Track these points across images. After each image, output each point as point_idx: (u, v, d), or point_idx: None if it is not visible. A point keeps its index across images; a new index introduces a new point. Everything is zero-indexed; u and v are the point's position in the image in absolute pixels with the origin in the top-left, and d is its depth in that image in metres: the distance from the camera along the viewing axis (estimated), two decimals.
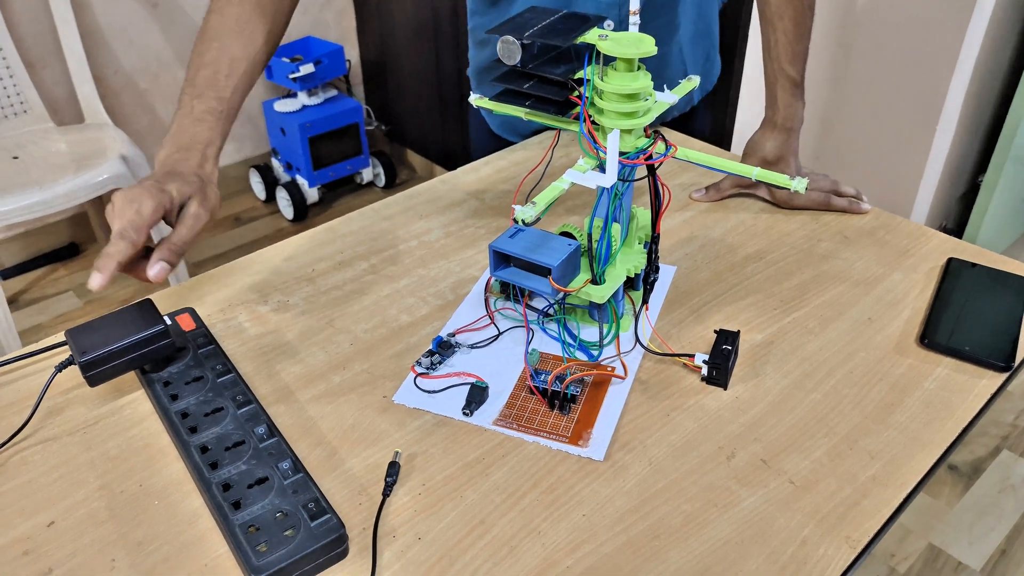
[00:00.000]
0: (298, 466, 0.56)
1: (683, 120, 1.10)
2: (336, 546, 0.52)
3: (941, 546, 1.44)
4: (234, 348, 0.70)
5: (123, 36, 2.18)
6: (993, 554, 1.43)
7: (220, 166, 0.73)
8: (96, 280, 0.61)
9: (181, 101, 0.72)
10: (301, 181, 2.37)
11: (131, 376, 0.66)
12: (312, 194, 2.41)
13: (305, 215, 2.41)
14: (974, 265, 0.77)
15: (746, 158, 0.89)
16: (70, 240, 2.28)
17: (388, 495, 0.56)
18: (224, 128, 0.73)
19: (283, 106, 2.30)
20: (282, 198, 2.41)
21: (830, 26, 1.95)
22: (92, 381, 0.61)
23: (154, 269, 0.63)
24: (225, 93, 0.73)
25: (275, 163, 2.46)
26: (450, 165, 1.03)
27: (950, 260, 0.78)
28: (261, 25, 0.76)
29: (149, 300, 0.66)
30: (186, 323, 0.69)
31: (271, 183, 2.47)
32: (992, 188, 1.95)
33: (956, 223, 2.16)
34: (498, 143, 1.07)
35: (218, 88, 0.73)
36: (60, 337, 0.67)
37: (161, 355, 0.64)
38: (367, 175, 2.51)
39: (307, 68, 2.21)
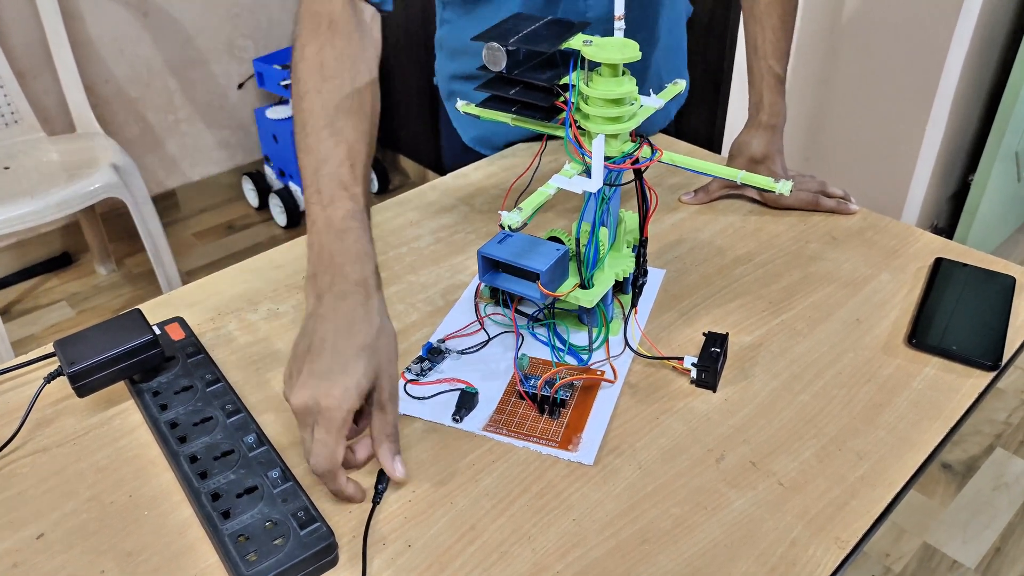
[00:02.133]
0: (287, 475, 0.56)
1: (674, 122, 1.10)
2: (326, 554, 0.52)
3: (936, 545, 1.45)
4: (224, 357, 0.70)
5: (114, 45, 2.18)
6: (988, 552, 1.43)
7: (212, 174, 0.71)
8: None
9: (311, 212, 0.61)
10: (294, 188, 2.37)
11: (121, 386, 0.66)
12: None
13: (299, 222, 2.41)
14: (962, 265, 0.78)
15: (733, 159, 0.90)
16: (62, 250, 2.28)
17: (378, 502, 0.56)
18: (370, 229, 0.62)
19: (275, 113, 2.30)
20: (275, 205, 2.41)
21: (819, 26, 1.95)
22: (81, 392, 0.61)
23: (399, 470, 0.56)
24: (357, 188, 0.61)
25: (268, 170, 2.46)
26: (443, 170, 1.03)
27: (938, 260, 0.79)
28: (365, 96, 0.65)
29: (138, 310, 0.67)
30: (176, 332, 0.69)
31: (264, 190, 2.47)
32: (982, 187, 1.96)
33: (947, 222, 2.17)
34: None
35: (349, 187, 0.61)
36: (49, 348, 0.67)
37: (150, 365, 0.64)
38: None
39: None
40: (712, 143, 1.94)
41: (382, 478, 0.57)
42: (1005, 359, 0.67)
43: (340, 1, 0.65)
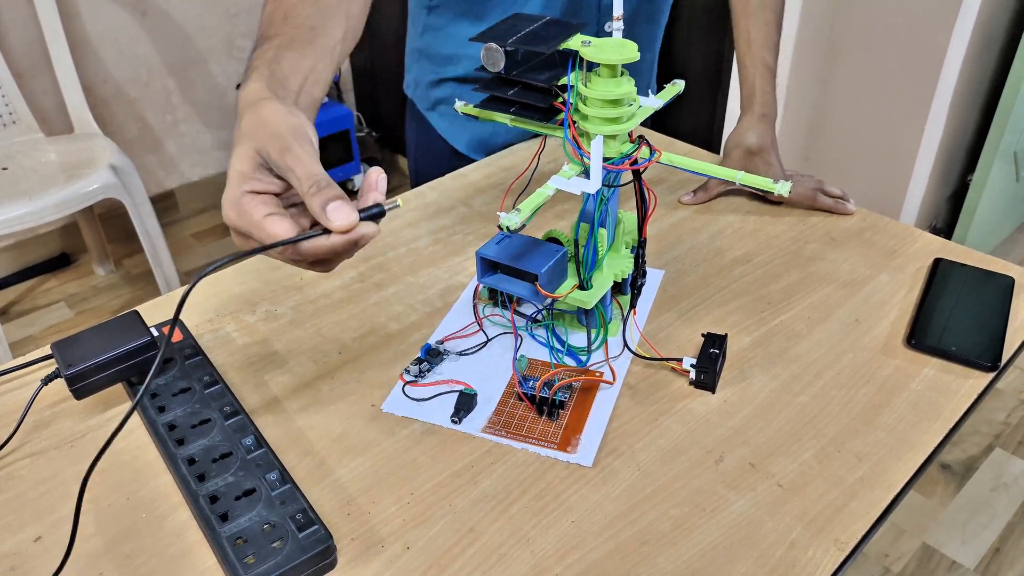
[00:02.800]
0: (286, 477, 0.56)
1: (673, 122, 1.11)
2: (324, 557, 0.52)
3: (935, 545, 1.45)
4: (222, 359, 0.69)
5: (112, 45, 2.18)
6: (987, 553, 1.43)
7: (211, 174, 0.71)
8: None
9: (247, 72, 0.58)
10: None
11: (118, 388, 0.66)
12: None
13: None
14: (961, 265, 0.78)
15: (729, 152, 0.90)
16: (61, 251, 2.27)
17: (380, 216, 0.51)
18: (277, 80, 0.58)
19: None
20: None
21: (818, 26, 1.95)
22: (78, 394, 0.61)
23: (337, 217, 0.49)
24: (293, 81, 0.59)
25: None
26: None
27: (937, 260, 0.79)
28: (323, 31, 0.63)
29: (135, 311, 0.66)
30: (174, 334, 0.69)
31: None
32: (981, 187, 1.96)
33: (945, 222, 2.17)
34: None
35: (296, 69, 0.59)
36: (47, 350, 0.67)
37: (148, 367, 0.64)
38: (358, 181, 2.51)
39: None
40: (710, 143, 1.94)
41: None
42: (1004, 360, 0.67)
43: None
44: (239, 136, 0.52)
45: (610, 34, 0.61)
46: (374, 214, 0.51)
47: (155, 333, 0.65)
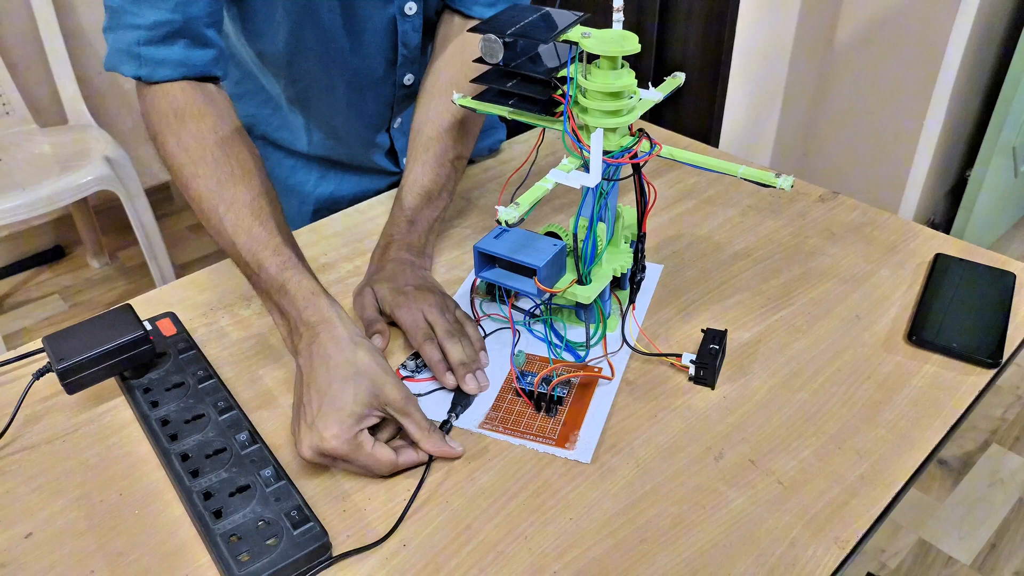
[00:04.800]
0: (280, 473, 0.55)
1: (671, 117, 1.10)
2: (320, 554, 0.51)
3: (931, 541, 1.44)
4: (216, 353, 0.69)
5: None
6: (983, 548, 1.43)
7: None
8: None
9: (251, 281, 0.65)
10: None
11: (111, 383, 0.65)
12: None
13: None
14: (961, 261, 0.77)
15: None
16: (55, 243, 2.26)
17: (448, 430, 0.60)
18: (307, 266, 0.64)
19: None
20: None
21: (817, 22, 1.95)
22: (70, 389, 0.60)
23: (456, 448, 0.58)
24: (275, 241, 0.63)
25: None
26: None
27: (937, 256, 0.78)
28: (243, 156, 0.67)
29: (128, 305, 0.65)
30: (167, 328, 0.68)
31: None
32: (980, 183, 1.95)
33: (944, 218, 2.17)
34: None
35: (266, 243, 0.63)
36: (38, 344, 0.66)
37: (141, 361, 0.63)
38: None
39: None
40: (708, 137, 1.93)
41: (453, 407, 0.62)
42: (1005, 356, 0.67)
43: (178, 90, 0.68)
44: (345, 369, 0.56)
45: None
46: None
47: (148, 327, 0.64)
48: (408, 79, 0.86)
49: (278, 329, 0.65)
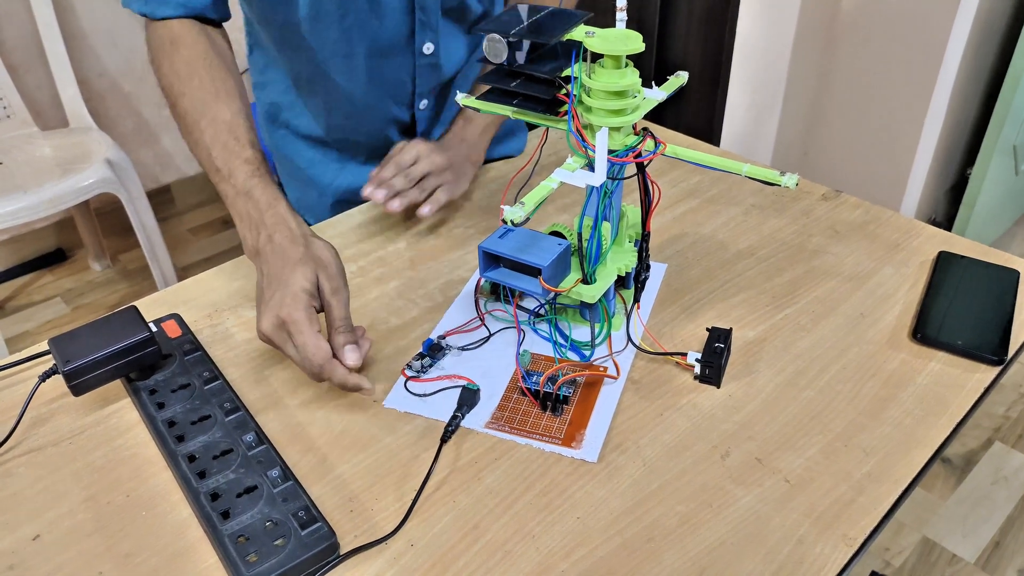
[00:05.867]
0: (287, 474, 0.55)
1: (672, 116, 1.10)
2: (328, 555, 0.51)
3: (935, 539, 1.45)
4: (221, 354, 0.69)
5: (107, 38, 2.16)
6: (987, 546, 1.43)
7: (203, 170, 0.72)
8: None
9: (221, 189, 0.70)
10: None
11: (117, 385, 0.65)
12: None
13: None
14: (965, 258, 0.77)
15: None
16: (57, 246, 2.26)
17: (453, 430, 0.61)
18: (272, 179, 0.70)
19: None
20: None
21: (817, 20, 1.95)
22: (76, 390, 0.60)
23: (351, 357, 0.61)
24: (247, 153, 0.70)
25: None
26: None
27: (941, 254, 0.78)
28: (228, 82, 0.73)
29: (134, 307, 0.66)
30: (172, 330, 0.68)
31: None
32: (980, 181, 1.95)
33: (945, 216, 2.17)
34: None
35: (239, 154, 0.69)
36: (45, 346, 0.66)
37: (147, 363, 0.63)
38: None
39: None
40: (710, 136, 1.93)
41: (459, 406, 0.62)
42: (1010, 353, 0.67)
43: (177, 24, 0.76)
44: (293, 254, 0.63)
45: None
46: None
47: (154, 329, 0.64)
48: (428, 48, 0.86)
49: (241, 236, 0.68)
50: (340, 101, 0.90)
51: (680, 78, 0.68)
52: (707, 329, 0.66)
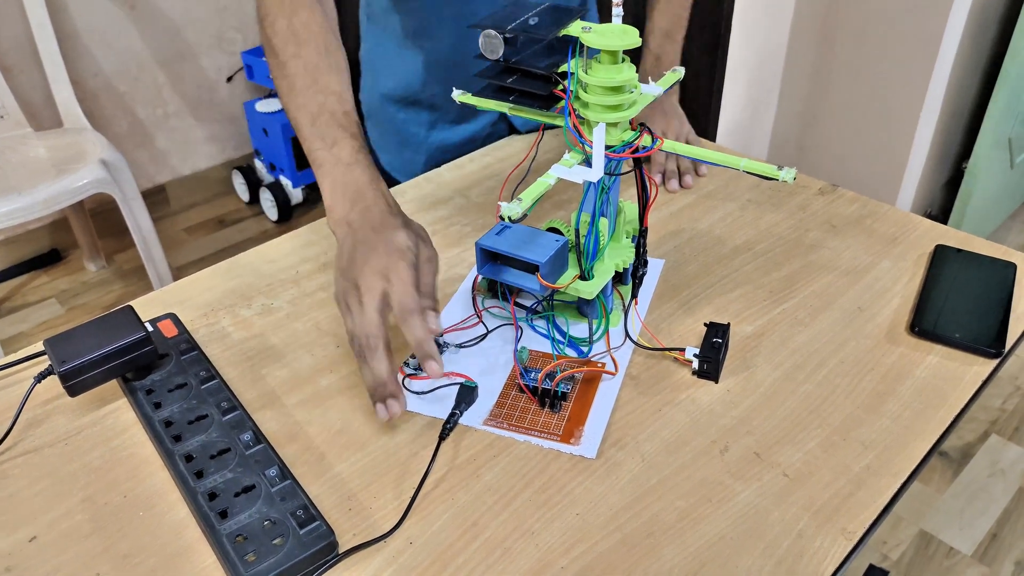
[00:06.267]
0: (285, 473, 0.55)
1: None
2: (326, 553, 0.51)
3: (932, 532, 1.45)
4: (218, 353, 0.68)
5: (101, 39, 2.15)
6: (984, 539, 1.44)
7: (202, 168, 0.72)
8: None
9: (318, 156, 0.69)
10: (285, 182, 2.36)
11: (113, 385, 0.65)
12: (296, 194, 2.39)
13: (290, 216, 2.40)
14: (961, 252, 0.77)
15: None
16: (51, 247, 2.25)
17: (452, 427, 0.60)
18: (372, 159, 0.70)
19: (265, 106, 2.28)
20: (266, 199, 2.39)
21: (813, 14, 1.95)
22: (72, 391, 0.60)
23: (433, 321, 0.59)
24: (354, 128, 0.70)
25: (258, 164, 2.44)
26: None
27: (937, 247, 0.78)
28: (338, 54, 0.73)
29: (130, 307, 0.65)
30: (168, 329, 0.68)
31: (254, 184, 2.45)
32: (976, 174, 1.96)
33: (941, 209, 2.17)
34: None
35: (347, 128, 0.69)
36: (40, 346, 0.66)
37: (143, 363, 0.63)
38: None
39: None
40: (706, 131, 1.93)
41: (457, 403, 0.61)
42: (1007, 346, 0.67)
43: None
44: (393, 222, 0.63)
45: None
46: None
47: (150, 329, 0.64)
48: None
49: (328, 204, 0.68)
50: (437, 56, 0.93)
51: (677, 73, 0.68)
52: (705, 324, 0.66)
